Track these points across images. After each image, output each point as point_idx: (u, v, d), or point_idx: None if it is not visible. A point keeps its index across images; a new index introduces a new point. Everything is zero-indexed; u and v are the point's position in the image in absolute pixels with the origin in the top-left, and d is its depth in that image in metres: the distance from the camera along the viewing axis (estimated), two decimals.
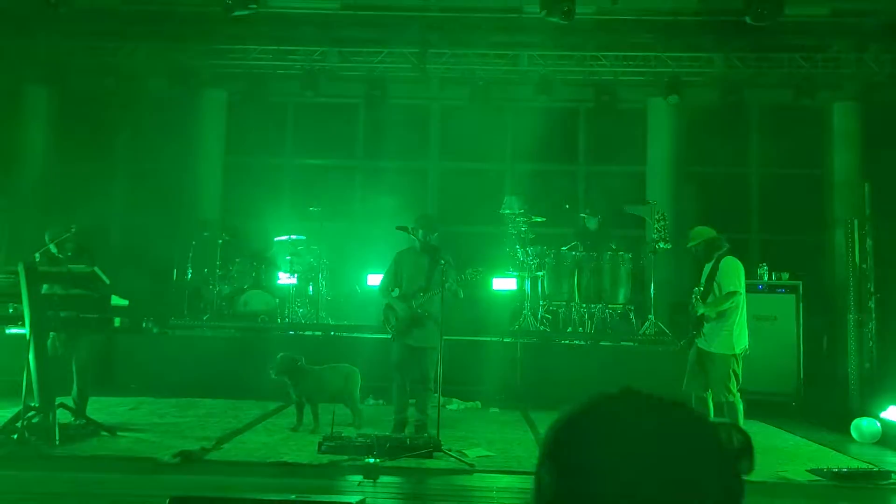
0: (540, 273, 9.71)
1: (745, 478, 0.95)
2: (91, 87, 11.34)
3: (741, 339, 6.08)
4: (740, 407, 6.10)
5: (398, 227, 6.42)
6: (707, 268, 6.24)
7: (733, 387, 6.01)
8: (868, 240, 8.63)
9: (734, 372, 6.02)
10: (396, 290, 6.35)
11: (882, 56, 10.71)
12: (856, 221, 8.74)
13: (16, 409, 5.76)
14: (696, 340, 6.16)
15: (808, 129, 11.58)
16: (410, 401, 6.35)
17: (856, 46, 10.89)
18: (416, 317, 6.17)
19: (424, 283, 6.20)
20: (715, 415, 6.23)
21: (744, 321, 6.12)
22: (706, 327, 6.09)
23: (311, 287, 10.04)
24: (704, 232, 6.36)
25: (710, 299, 6.08)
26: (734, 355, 6.03)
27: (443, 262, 6.03)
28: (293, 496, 3.17)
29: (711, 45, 10.87)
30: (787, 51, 10.80)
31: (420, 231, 6.28)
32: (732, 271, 6.12)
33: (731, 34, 10.54)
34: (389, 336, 6.39)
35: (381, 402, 7.72)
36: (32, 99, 11.38)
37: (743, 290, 6.11)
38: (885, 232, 8.94)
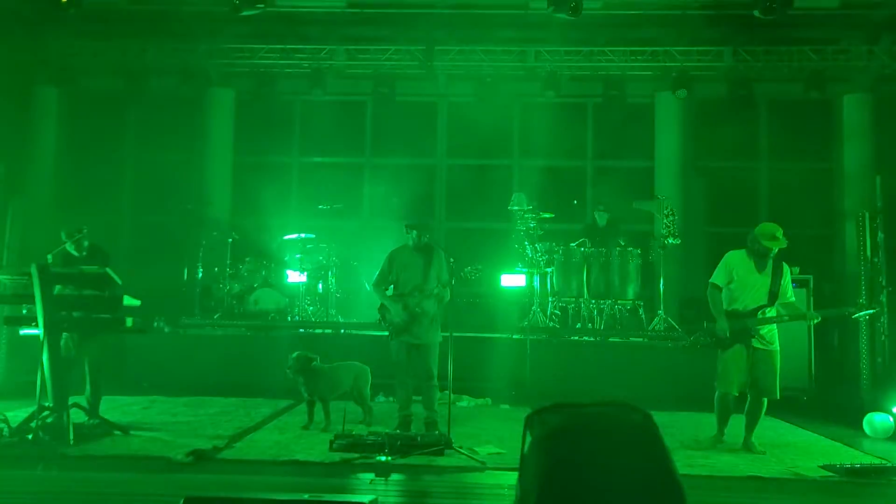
0: (549, 269, 9.71)
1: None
2: (100, 87, 11.43)
3: None
4: (766, 406, 6.17)
5: (406, 226, 6.42)
6: (765, 265, 6.12)
7: None
8: (879, 233, 8.57)
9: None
10: (391, 288, 6.37)
11: (893, 48, 10.65)
12: (867, 214, 8.68)
13: (30, 409, 5.82)
14: (752, 342, 6.05)
15: (818, 123, 11.53)
16: (416, 398, 6.37)
17: (866, 38, 10.83)
18: (412, 315, 6.18)
19: (420, 282, 6.21)
20: (734, 411, 6.25)
21: None
22: (765, 328, 6.08)
23: (320, 285, 10.08)
24: (775, 229, 6.19)
25: (783, 304, 6.15)
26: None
27: (452, 260, 6.06)
28: (306, 496, 3.19)
29: (720, 38, 10.84)
30: (796, 44, 10.75)
31: (414, 231, 6.29)
32: (790, 280, 6.24)
33: (739, 28, 10.51)
34: (387, 334, 6.41)
35: (390, 399, 7.71)
36: (43, 99, 11.45)
37: None
38: None
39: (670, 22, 10.59)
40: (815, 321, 6.33)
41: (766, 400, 6.10)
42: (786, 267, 6.19)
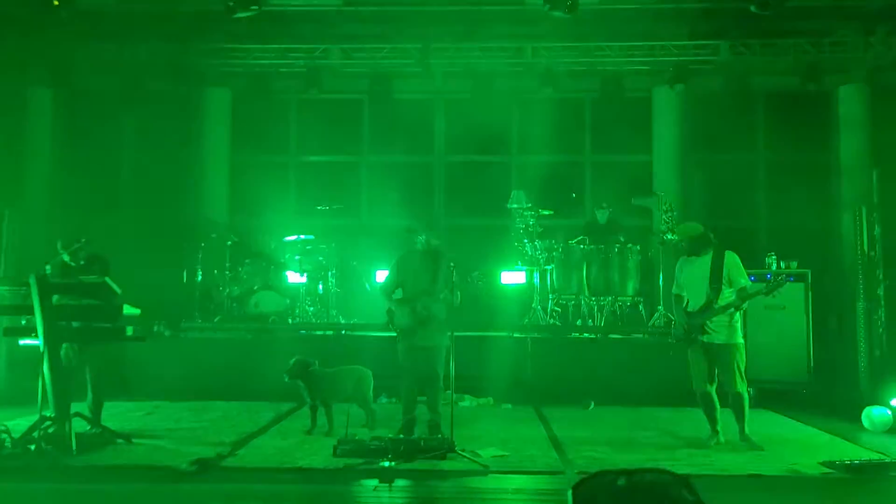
0: (548, 267, 9.72)
1: None
2: (95, 88, 11.35)
3: (741, 329, 6.30)
4: (747, 397, 6.21)
5: (407, 230, 6.43)
6: (700, 261, 6.25)
7: (744, 376, 6.17)
8: (876, 227, 8.58)
9: (743, 361, 6.19)
10: (399, 291, 6.37)
11: (889, 39, 10.62)
12: (864, 209, 8.68)
13: (32, 418, 5.83)
14: (700, 338, 6.16)
15: (815, 114, 11.50)
16: (421, 398, 6.38)
17: (862, 29, 10.80)
18: (420, 319, 6.18)
19: (427, 286, 6.22)
20: (721, 406, 6.28)
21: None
22: (712, 322, 6.12)
23: (320, 285, 10.08)
24: (690, 228, 6.47)
25: (726, 293, 6.13)
26: (742, 344, 6.21)
27: (452, 265, 6.07)
28: None
29: (716, 32, 10.82)
30: (792, 36, 10.73)
31: (422, 235, 6.30)
32: (740, 266, 6.27)
33: (735, 21, 10.49)
34: (394, 335, 6.41)
35: (392, 400, 7.75)
36: (38, 101, 11.38)
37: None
38: (894, 217, 8.86)
39: (666, 16, 10.56)
40: (739, 306, 6.22)
41: (743, 393, 6.13)
42: (727, 256, 6.22)
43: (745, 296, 6.19)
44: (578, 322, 9.62)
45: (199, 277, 10.08)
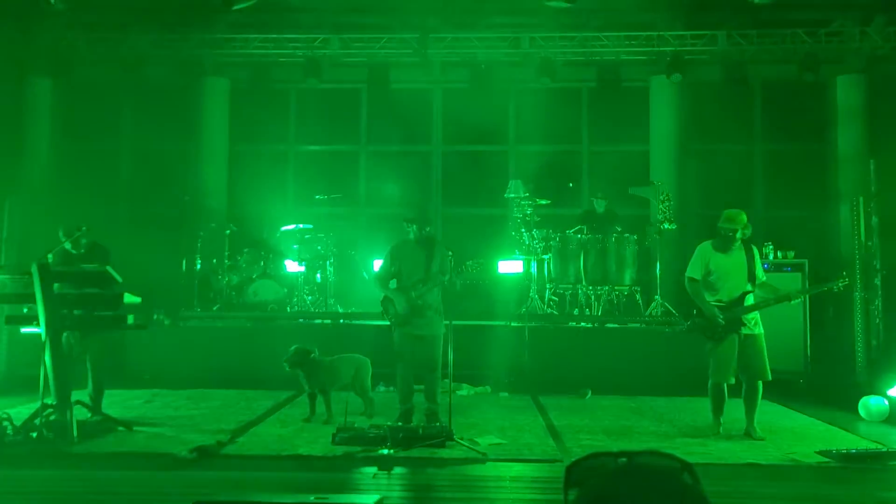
0: (546, 256, 9.75)
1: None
2: (95, 78, 11.33)
3: None
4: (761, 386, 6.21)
5: (406, 220, 6.44)
6: (736, 253, 6.15)
7: None
8: (874, 217, 8.62)
9: None
10: (394, 281, 6.39)
11: (886, 29, 10.63)
12: (861, 199, 8.72)
13: (33, 405, 5.86)
14: (742, 330, 6.09)
15: (812, 104, 11.53)
16: (417, 387, 6.41)
17: (859, 19, 10.80)
18: (415, 308, 6.21)
19: (422, 275, 6.25)
20: (729, 397, 6.30)
21: None
22: (749, 314, 6.13)
23: (318, 274, 10.11)
24: (741, 216, 6.13)
25: (759, 286, 6.17)
26: None
27: (451, 253, 6.09)
28: (311, 497, 3.24)
29: (714, 22, 10.81)
30: (789, 26, 10.72)
31: (415, 224, 6.32)
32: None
33: (733, 11, 10.50)
34: (389, 324, 6.42)
35: (390, 388, 7.76)
36: (37, 91, 11.34)
37: None
38: (891, 207, 8.91)
39: (664, 6, 10.55)
40: (797, 301, 6.31)
41: (760, 383, 6.15)
42: (754, 248, 6.27)
43: (805, 290, 6.22)
44: (576, 311, 9.66)
45: (198, 266, 10.11)
